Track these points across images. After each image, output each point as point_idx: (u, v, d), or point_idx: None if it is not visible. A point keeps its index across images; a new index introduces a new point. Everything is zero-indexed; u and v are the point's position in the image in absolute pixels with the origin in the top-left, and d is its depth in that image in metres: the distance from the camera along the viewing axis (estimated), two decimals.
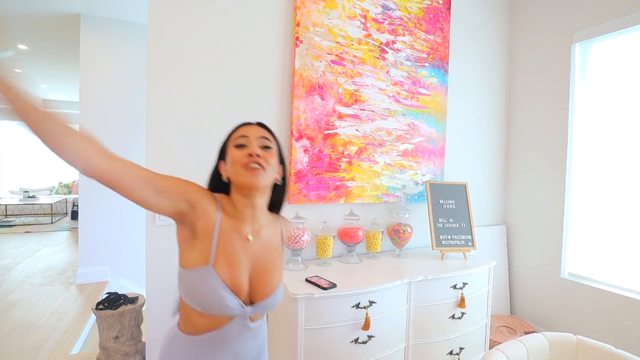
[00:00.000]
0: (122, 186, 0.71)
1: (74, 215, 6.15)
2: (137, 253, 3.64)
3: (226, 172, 0.86)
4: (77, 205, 6.31)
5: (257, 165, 0.82)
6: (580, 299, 2.24)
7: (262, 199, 0.88)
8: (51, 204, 6.99)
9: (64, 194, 8.03)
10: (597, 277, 2.19)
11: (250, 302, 0.86)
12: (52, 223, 6.77)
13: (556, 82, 2.37)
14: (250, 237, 0.86)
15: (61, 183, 8.35)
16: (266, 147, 0.87)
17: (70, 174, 8.60)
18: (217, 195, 0.87)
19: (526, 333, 2.34)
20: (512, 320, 2.51)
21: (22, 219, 6.86)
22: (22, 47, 4.55)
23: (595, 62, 2.20)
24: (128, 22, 3.60)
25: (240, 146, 0.85)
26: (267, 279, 0.88)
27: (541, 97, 2.48)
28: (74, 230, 6.12)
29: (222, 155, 0.90)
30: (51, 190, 8.21)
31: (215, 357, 0.83)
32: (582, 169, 2.28)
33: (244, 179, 0.82)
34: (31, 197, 7.18)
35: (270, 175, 0.86)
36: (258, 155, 0.83)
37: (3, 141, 8.38)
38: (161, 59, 1.60)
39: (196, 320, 0.82)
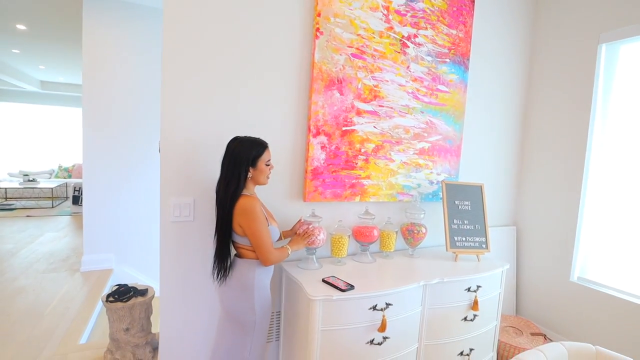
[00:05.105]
0: None
1: (75, 200, 6.11)
2: (142, 241, 3.62)
3: (251, 174, 1.44)
4: (79, 190, 6.27)
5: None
6: (590, 304, 2.24)
7: None
8: (52, 188, 6.94)
9: (64, 178, 7.96)
10: (609, 283, 2.18)
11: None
12: (52, 207, 6.73)
13: (579, 83, 2.31)
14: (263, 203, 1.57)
15: (61, 167, 8.26)
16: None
17: (71, 158, 8.50)
18: (254, 196, 1.49)
19: (532, 334, 2.36)
20: (518, 321, 2.52)
21: (23, 203, 6.82)
22: (20, 27, 4.42)
23: (622, 65, 2.14)
24: (134, 4, 3.47)
25: (267, 165, 1.49)
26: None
27: (562, 98, 2.42)
28: (75, 215, 6.09)
29: (254, 164, 1.44)
30: (50, 174, 8.13)
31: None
32: (600, 173, 2.24)
33: (266, 183, 1.52)
34: (31, 180, 7.11)
35: None
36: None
37: (1, 123, 8.25)
38: (176, 50, 1.53)
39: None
